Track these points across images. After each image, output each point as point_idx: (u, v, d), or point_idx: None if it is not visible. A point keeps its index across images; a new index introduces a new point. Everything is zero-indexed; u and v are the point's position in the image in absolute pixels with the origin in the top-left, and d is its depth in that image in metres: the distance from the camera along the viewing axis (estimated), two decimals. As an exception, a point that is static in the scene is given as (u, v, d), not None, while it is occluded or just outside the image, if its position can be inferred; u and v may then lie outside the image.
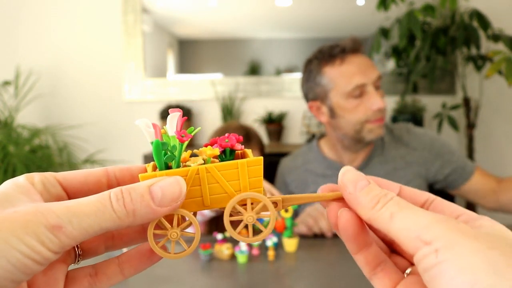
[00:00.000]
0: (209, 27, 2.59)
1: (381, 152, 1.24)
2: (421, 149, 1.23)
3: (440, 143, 1.23)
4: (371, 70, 1.16)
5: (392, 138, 1.25)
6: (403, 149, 1.23)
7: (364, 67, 1.16)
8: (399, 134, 1.26)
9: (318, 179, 1.26)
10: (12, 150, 2.07)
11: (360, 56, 1.18)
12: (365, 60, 1.17)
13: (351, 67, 1.16)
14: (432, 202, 0.29)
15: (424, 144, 1.23)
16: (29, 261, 0.24)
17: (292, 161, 1.34)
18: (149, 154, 2.22)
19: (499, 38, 1.98)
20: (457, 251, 0.22)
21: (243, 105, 2.57)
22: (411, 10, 2.04)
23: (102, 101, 2.59)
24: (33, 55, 2.56)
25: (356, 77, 1.15)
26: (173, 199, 0.28)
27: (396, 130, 1.28)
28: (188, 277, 0.85)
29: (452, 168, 1.21)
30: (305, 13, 2.53)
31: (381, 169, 1.23)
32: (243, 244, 0.93)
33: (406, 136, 1.25)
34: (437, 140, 1.24)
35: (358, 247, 0.31)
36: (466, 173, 1.20)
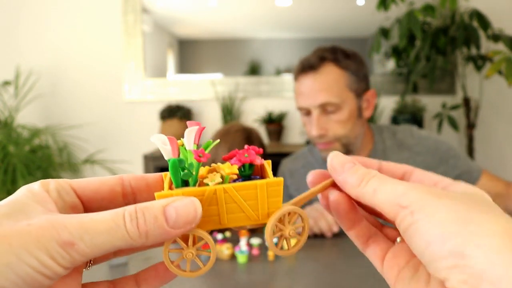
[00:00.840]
0: (209, 27, 2.59)
1: (383, 157, 1.19)
2: (425, 154, 1.17)
3: (445, 147, 1.18)
4: (316, 95, 1.09)
5: (395, 142, 1.20)
6: (406, 153, 1.18)
7: (309, 91, 1.10)
8: (402, 137, 1.20)
9: None
10: (12, 150, 2.06)
11: (311, 77, 1.10)
12: (313, 83, 1.10)
13: (299, 87, 1.14)
14: (411, 173, 0.33)
15: (428, 148, 1.17)
16: (39, 276, 0.25)
17: (293, 163, 1.32)
18: (149, 154, 2.22)
19: (499, 38, 1.98)
20: (429, 209, 0.25)
21: (243, 105, 2.57)
22: (411, 10, 2.04)
23: (102, 101, 2.59)
24: (33, 55, 2.56)
25: (299, 98, 1.14)
26: (187, 221, 0.28)
27: (399, 133, 1.22)
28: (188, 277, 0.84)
29: (457, 174, 1.16)
30: (305, 13, 2.53)
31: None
32: (243, 244, 0.92)
33: (409, 140, 1.19)
34: (442, 144, 1.18)
35: (350, 224, 0.33)
36: (472, 178, 1.14)
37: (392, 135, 1.21)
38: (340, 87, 1.09)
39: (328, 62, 1.10)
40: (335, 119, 1.10)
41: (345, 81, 1.10)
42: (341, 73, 1.10)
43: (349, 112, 1.10)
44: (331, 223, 1.07)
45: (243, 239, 0.95)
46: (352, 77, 1.11)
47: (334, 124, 1.11)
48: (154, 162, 2.19)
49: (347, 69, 1.10)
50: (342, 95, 1.09)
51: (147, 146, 2.50)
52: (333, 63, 1.10)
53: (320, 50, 1.12)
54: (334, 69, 1.10)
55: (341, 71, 1.10)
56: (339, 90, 1.09)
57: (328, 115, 1.10)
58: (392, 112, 2.45)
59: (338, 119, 1.10)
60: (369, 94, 1.16)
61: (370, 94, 1.16)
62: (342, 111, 1.09)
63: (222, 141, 1.28)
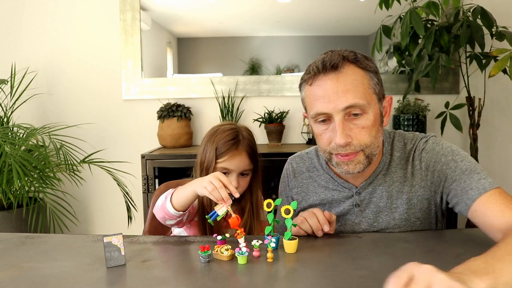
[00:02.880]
0: (208, 25, 2.56)
1: (386, 172, 1.09)
2: (425, 169, 1.06)
3: (443, 161, 1.03)
4: (341, 97, 0.97)
5: (403, 154, 1.09)
6: (410, 168, 1.07)
7: (331, 93, 0.97)
8: (410, 149, 1.09)
9: (319, 189, 1.17)
10: (7, 150, 2.03)
11: (333, 78, 0.98)
12: (336, 84, 0.98)
13: (317, 90, 1.00)
14: None
15: (428, 163, 1.05)
16: None
17: (298, 163, 1.25)
18: (147, 154, 2.19)
19: (503, 36, 1.95)
20: None
21: (243, 104, 2.54)
22: (414, 8, 2.01)
23: (99, 100, 2.56)
24: (29, 53, 2.53)
25: (318, 103, 0.99)
26: None
27: (409, 144, 1.10)
28: (188, 278, 0.83)
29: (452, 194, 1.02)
30: (306, 11, 2.50)
31: (384, 190, 1.08)
32: (243, 245, 0.90)
33: (416, 152, 1.08)
34: (442, 157, 1.04)
35: None
36: (468, 198, 0.97)
37: (402, 146, 1.10)
38: (365, 88, 0.99)
39: (349, 62, 1.00)
40: (361, 125, 0.98)
41: (368, 82, 1.00)
42: (364, 74, 1.00)
43: (374, 117, 0.99)
44: (323, 222, 1.02)
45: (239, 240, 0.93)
46: (374, 79, 1.01)
47: (360, 130, 0.99)
48: (152, 162, 2.16)
49: (369, 70, 1.01)
50: (367, 97, 0.98)
51: (145, 145, 2.47)
52: (354, 63, 1.00)
53: (338, 51, 1.02)
54: (357, 69, 0.99)
55: (363, 71, 1.00)
56: (365, 92, 0.98)
57: (352, 121, 0.99)
58: (395, 111, 2.42)
59: (363, 125, 0.98)
60: (387, 100, 1.07)
61: (387, 100, 1.07)
62: (367, 116, 0.98)
63: (210, 141, 1.26)
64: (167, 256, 0.97)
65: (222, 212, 1.01)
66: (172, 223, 1.16)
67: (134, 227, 2.37)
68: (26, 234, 1.11)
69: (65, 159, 2.22)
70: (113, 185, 2.35)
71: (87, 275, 0.82)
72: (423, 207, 1.08)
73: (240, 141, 1.25)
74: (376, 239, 1.02)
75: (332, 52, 1.03)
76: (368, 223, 1.11)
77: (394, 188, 1.08)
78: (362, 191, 1.11)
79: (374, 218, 1.10)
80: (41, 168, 2.19)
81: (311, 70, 1.02)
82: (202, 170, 1.26)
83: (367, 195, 1.10)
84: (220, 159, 1.22)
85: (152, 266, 0.87)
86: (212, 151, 1.23)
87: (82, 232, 2.60)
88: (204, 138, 1.30)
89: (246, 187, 1.28)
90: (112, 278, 0.81)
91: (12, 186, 2.08)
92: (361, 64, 1.00)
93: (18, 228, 2.11)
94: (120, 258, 0.87)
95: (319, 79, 1.00)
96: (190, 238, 1.07)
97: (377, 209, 1.10)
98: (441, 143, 1.07)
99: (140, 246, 1.00)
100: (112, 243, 0.87)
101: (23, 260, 0.91)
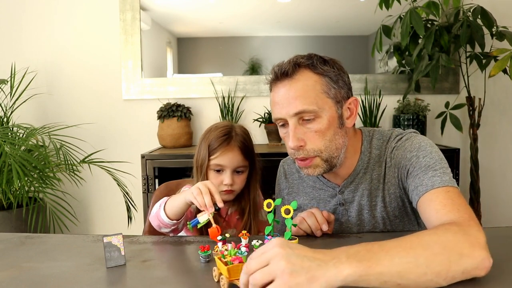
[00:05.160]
0: (208, 25, 2.56)
1: (366, 170, 1.10)
2: (394, 166, 1.06)
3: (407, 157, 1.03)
4: (291, 103, 0.99)
5: (381, 152, 1.10)
6: (384, 166, 1.08)
7: (284, 99, 1.00)
8: (387, 147, 1.09)
9: (308, 189, 1.19)
10: (7, 150, 2.03)
11: (286, 85, 1.01)
12: (288, 91, 1.00)
13: (274, 96, 1.04)
14: None
15: (396, 160, 1.06)
16: None
17: (289, 165, 1.26)
18: (147, 154, 2.19)
19: (504, 36, 1.95)
20: None
21: (243, 104, 2.53)
22: (414, 8, 2.01)
23: (99, 100, 2.55)
24: (29, 53, 2.53)
25: (275, 109, 1.04)
26: None
27: (385, 142, 1.11)
28: (187, 278, 0.82)
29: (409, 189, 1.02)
30: (306, 11, 2.50)
31: (365, 189, 1.10)
32: (242, 245, 0.90)
33: (388, 150, 1.09)
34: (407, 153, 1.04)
35: None
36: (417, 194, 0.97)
37: (382, 143, 1.10)
38: (317, 94, 1.00)
39: (303, 68, 1.01)
40: (314, 129, 1.01)
41: (321, 87, 1.01)
42: (318, 79, 1.01)
43: (328, 121, 1.01)
44: (321, 222, 1.02)
45: (242, 241, 0.93)
46: (330, 84, 1.02)
47: (313, 134, 1.01)
48: (152, 162, 2.16)
49: (324, 75, 1.02)
50: (319, 102, 1.00)
51: (145, 145, 2.47)
52: (308, 69, 1.02)
53: (294, 57, 1.05)
54: (310, 75, 1.01)
55: (317, 77, 1.01)
56: (316, 97, 1.00)
57: (305, 125, 1.01)
58: (395, 111, 2.42)
59: (316, 129, 1.01)
60: (351, 102, 1.07)
61: (351, 101, 1.07)
62: (320, 120, 1.00)
63: (204, 139, 1.27)
64: (167, 256, 0.97)
65: (203, 219, 1.00)
66: (167, 231, 1.16)
67: (134, 227, 2.37)
68: (26, 234, 1.11)
69: (65, 159, 2.22)
70: (113, 185, 2.35)
71: (87, 275, 0.82)
72: (397, 205, 1.09)
73: (232, 137, 1.25)
74: (377, 239, 1.02)
75: (291, 58, 1.05)
76: (353, 222, 1.13)
77: (373, 186, 1.10)
78: (344, 190, 1.12)
79: (357, 216, 1.12)
80: (41, 168, 2.19)
81: (270, 76, 1.07)
82: (197, 168, 1.26)
83: (350, 193, 1.12)
84: (213, 155, 1.23)
85: (152, 266, 0.87)
86: (205, 148, 1.24)
87: (82, 232, 2.60)
88: (200, 137, 1.30)
89: (243, 185, 1.27)
90: (112, 278, 0.81)
91: (12, 186, 2.08)
92: (316, 69, 1.02)
93: (18, 228, 2.11)
94: (120, 258, 0.87)
95: (275, 86, 1.05)
96: (190, 238, 1.07)
97: (359, 207, 1.11)
98: (412, 139, 1.06)
99: (140, 246, 1.00)
100: (112, 243, 0.87)
101: (23, 260, 0.91)
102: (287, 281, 0.60)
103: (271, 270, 0.62)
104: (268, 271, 0.62)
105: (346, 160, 1.09)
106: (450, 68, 2.19)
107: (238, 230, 1.12)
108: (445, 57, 1.96)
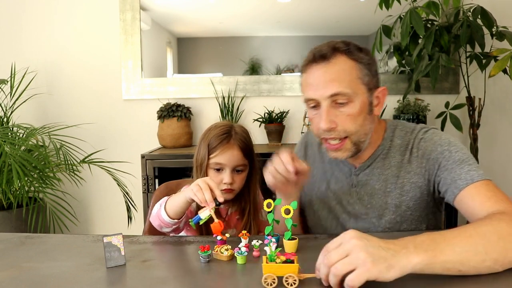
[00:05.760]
0: (208, 25, 2.56)
1: (385, 156, 1.14)
2: (421, 157, 1.09)
3: (439, 151, 1.07)
4: (327, 85, 1.04)
5: (403, 142, 1.14)
6: (407, 155, 1.12)
7: (319, 81, 1.05)
8: (410, 137, 1.13)
9: (323, 163, 1.23)
10: (7, 150, 2.03)
11: (322, 67, 1.05)
12: (324, 73, 1.05)
13: (308, 78, 1.08)
14: None
15: (424, 151, 1.09)
16: None
17: (313, 138, 1.28)
18: (147, 154, 2.19)
19: (504, 36, 1.95)
20: None
21: (243, 104, 2.53)
22: (414, 8, 2.01)
23: (99, 100, 2.56)
24: (29, 53, 2.53)
25: (308, 90, 1.08)
26: None
27: (410, 133, 1.15)
28: (187, 278, 0.83)
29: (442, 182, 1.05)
30: (306, 11, 2.50)
31: (381, 174, 1.13)
32: (243, 245, 0.91)
33: (415, 141, 1.12)
34: (438, 146, 1.07)
35: None
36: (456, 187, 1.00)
37: (405, 133, 1.15)
38: (352, 79, 1.05)
39: (340, 53, 1.06)
40: (346, 113, 1.05)
41: (357, 73, 1.05)
42: (354, 64, 1.06)
43: (360, 106, 1.05)
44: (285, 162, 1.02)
45: (242, 241, 0.93)
46: (364, 70, 1.06)
47: (345, 118, 1.05)
48: (152, 162, 2.16)
49: (360, 62, 1.06)
50: (353, 86, 1.04)
51: (145, 145, 2.47)
52: (345, 54, 1.06)
53: (332, 42, 1.09)
54: (347, 60, 1.06)
55: (353, 62, 1.06)
56: (351, 81, 1.04)
57: (338, 108, 1.05)
58: (395, 111, 2.42)
59: (349, 113, 1.05)
60: (380, 91, 1.12)
61: (380, 91, 1.12)
62: (353, 104, 1.05)
63: (203, 139, 1.28)
64: (167, 256, 0.97)
65: (204, 215, 1.00)
66: (168, 230, 1.16)
67: (134, 227, 2.37)
68: (26, 234, 1.11)
69: (65, 159, 2.22)
70: (113, 185, 2.35)
71: (87, 275, 0.82)
72: (414, 196, 1.11)
73: (232, 135, 1.26)
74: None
75: (328, 42, 1.09)
76: (362, 204, 1.15)
77: (390, 172, 1.13)
78: (360, 172, 1.16)
79: (368, 200, 1.14)
80: (41, 168, 2.19)
81: (306, 58, 1.10)
82: (197, 167, 1.27)
83: (365, 176, 1.15)
84: (212, 154, 1.23)
85: (152, 266, 0.87)
86: (205, 147, 1.25)
87: (82, 232, 2.60)
88: (200, 137, 1.31)
89: (242, 184, 1.27)
90: (112, 278, 0.81)
91: (12, 186, 2.08)
92: (352, 55, 1.06)
93: (18, 228, 2.11)
94: (120, 258, 0.87)
95: (311, 68, 1.08)
96: (190, 238, 1.07)
97: (372, 191, 1.14)
98: (440, 134, 1.11)
99: (140, 246, 1.00)
100: (112, 243, 0.87)
101: (23, 260, 0.91)
102: (370, 269, 0.66)
103: (352, 260, 0.68)
104: (349, 261, 0.68)
105: (368, 145, 1.13)
106: (450, 68, 2.19)
107: (238, 230, 1.11)
108: (445, 57, 1.96)
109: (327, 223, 1.21)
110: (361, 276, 0.67)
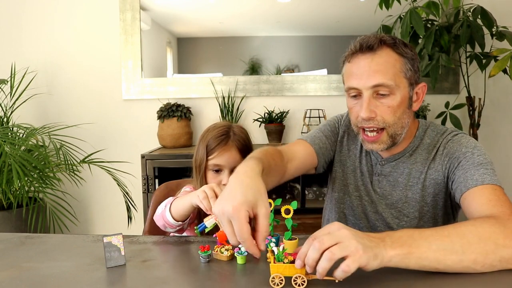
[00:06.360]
0: (208, 25, 2.56)
1: (413, 153, 1.17)
2: (445, 155, 1.12)
3: (462, 151, 1.08)
4: (371, 76, 1.06)
5: (432, 141, 1.17)
6: (433, 152, 1.15)
7: (363, 71, 1.07)
8: (440, 138, 1.16)
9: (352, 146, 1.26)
10: (7, 150, 2.03)
11: (368, 58, 1.08)
12: (369, 64, 1.07)
13: (353, 67, 1.11)
14: None
15: (449, 150, 1.12)
16: None
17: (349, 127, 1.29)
18: (147, 154, 2.19)
19: (504, 36, 1.95)
20: None
21: (243, 104, 2.53)
22: (414, 8, 2.01)
23: (99, 100, 2.56)
24: (29, 53, 2.53)
25: (351, 79, 1.10)
26: None
27: (440, 134, 1.17)
28: (187, 278, 0.82)
29: (455, 179, 1.07)
30: (306, 10, 2.50)
31: (406, 167, 1.16)
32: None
33: (444, 141, 1.15)
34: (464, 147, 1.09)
35: None
36: (464, 186, 1.01)
37: (436, 134, 1.18)
38: (395, 72, 1.07)
39: (387, 46, 1.08)
40: (387, 104, 1.07)
41: (401, 67, 1.08)
42: (398, 58, 1.08)
43: (400, 99, 1.08)
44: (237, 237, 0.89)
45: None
46: (408, 65, 1.09)
47: (385, 109, 1.07)
48: (152, 162, 2.16)
49: (404, 56, 1.09)
50: (396, 79, 1.07)
51: (145, 145, 2.47)
52: (391, 47, 1.08)
53: (379, 35, 1.12)
54: (392, 53, 1.08)
55: (398, 56, 1.08)
56: (395, 74, 1.07)
57: (379, 99, 1.08)
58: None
59: (390, 104, 1.07)
60: (420, 87, 1.15)
61: (421, 87, 1.15)
62: (394, 96, 1.07)
63: (202, 140, 1.27)
64: (167, 256, 0.97)
65: (210, 224, 1.00)
66: (172, 231, 1.16)
67: (134, 227, 2.37)
68: (26, 234, 1.11)
69: (65, 159, 2.22)
70: (113, 185, 2.35)
71: (87, 275, 0.82)
72: (433, 191, 1.13)
73: (230, 136, 1.25)
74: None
75: (375, 34, 1.12)
76: (383, 193, 1.18)
77: (415, 167, 1.16)
78: (386, 163, 1.19)
79: (389, 190, 1.18)
80: (41, 168, 2.19)
81: (351, 48, 1.12)
82: (196, 168, 1.26)
83: (390, 168, 1.19)
84: (211, 155, 1.23)
85: (152, 266, 0.87)
86: (203, 148, 1.24)
87: (82, 232, 2.60)
88: (199, 137, 1.30)
89: None
90: (112, 278, 0.81)
91: (12, 186, 2.08)
92: (398, 49, 1.09)
93: (18, 228, 2.11)
94: (120, 258, 0.87)
95: (356, 57, 1.10)
96: (190, 238, 1.07)
97: (395, 182, 1.17)
98: (469, 138, 1.13)
99: (140, 246, 1.00)
100: (112, 243, 0.86)
101: (23, 260, 0.91)
102: (362, 256, 0.69)
103: (345, 247, 0.69)
104: (344, 247, 0.69)
105: (402, 142, 1.16)
106: (450, 68, 2.19)
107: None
108: (445, 57, 1.96)
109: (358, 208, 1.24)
110: (355, 262, 0.69)
